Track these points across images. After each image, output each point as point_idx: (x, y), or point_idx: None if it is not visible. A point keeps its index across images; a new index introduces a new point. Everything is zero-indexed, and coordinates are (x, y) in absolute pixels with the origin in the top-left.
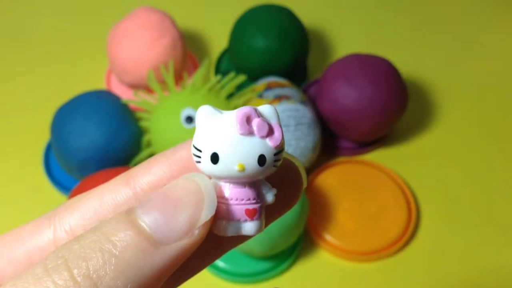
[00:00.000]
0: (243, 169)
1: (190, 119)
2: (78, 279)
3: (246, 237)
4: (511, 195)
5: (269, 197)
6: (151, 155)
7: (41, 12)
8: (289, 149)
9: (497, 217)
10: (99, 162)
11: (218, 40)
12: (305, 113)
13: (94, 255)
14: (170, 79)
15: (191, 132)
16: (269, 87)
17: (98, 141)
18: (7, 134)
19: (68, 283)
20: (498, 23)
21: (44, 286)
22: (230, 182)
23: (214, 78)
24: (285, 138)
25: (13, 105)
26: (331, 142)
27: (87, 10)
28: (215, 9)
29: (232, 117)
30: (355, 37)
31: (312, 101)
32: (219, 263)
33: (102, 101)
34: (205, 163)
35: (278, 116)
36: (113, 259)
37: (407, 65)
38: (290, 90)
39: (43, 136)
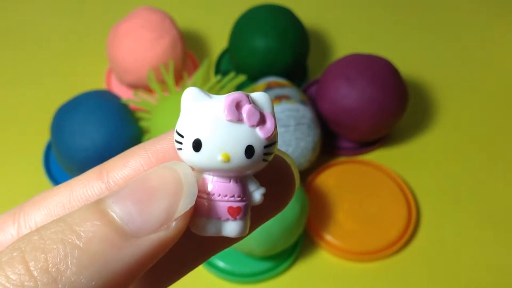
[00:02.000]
0: (227, 160)
1: None
2: (35, 273)
3: (230, 240)
4: (511, 195)
5: (257, 196)
6: None
7: (41, 12)
8: (289, 149)
9: (497, 217)
10: (99, 162)
11: (218, 40)
12: (305, 113)
13: (54, 247)
14: (170, 79)
15: None
16: (269, 87)
17: (98, 141)
18: (7, 134)
19: (23, 277)
20: (498, 23)
21: None
22: (213, 175)
23: (214, 78)
24: (285, 138)
25: (13, 105)
26: (331, 142)
27: (87, 10)
28: (215, 9)
29: (221, 102)
30: (355, 37)
31: (312, 101)
32: (219, 263)
33: (102, 101)
34: (187, 150)
35: (272, 105)
36: (77, 251)
37: (407, 65)
38: (290, 90)
39: (43, 136)
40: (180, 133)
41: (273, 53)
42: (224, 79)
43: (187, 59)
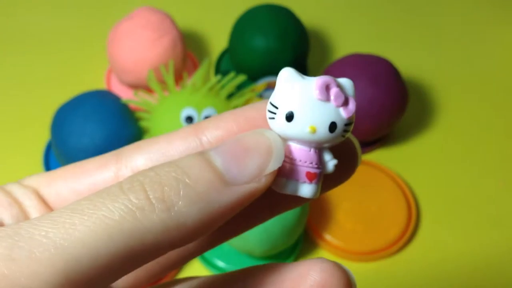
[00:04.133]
0: (314, 131)
1: (190, 119)
2: (153, 200)
3: (299, 201)
4: (511, 194)
5: (330, 166)
6: None
7: (41, 12)
8: None
9: (497, 217)
10: None
11: (218, 40)
12: None
13: (169, 182)
14: (170, 79)
15: None
16: (269, 87)
17: (98, 141)
18: (7, 134)
19: (143, 202)
20: (498, 23)
21: (120, 203)
22: (297, 143)
23: (214, 78)
24: None
25: (13, 105)
26: None
27: (87, 10)
28: (215, 9)
29: (313, 83)
30: (355, 37)
31: None
32: (219, 263)
33: (102, 101)
34: (280, 120)
35: (354, 90)
36: (187, 188)
37: (407, 65)
38: None
39: (43, 136)
40: (275, 104)
41: (273, 53)
42: (224, 79)
43: (187, 59)
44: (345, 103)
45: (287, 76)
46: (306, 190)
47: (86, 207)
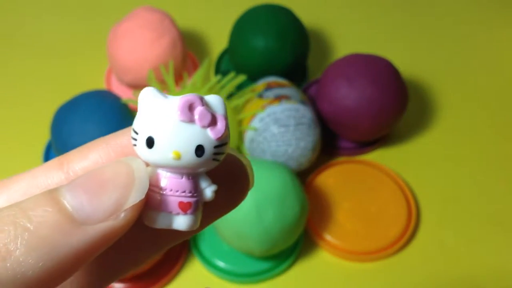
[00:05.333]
0: (178, 158)
1: None
2: None
3: (181, 234)
4: (511, 195)
5: (208, 193)
6: None
7: (41, 12)
8: (289, 149)
9: (497, 217)
10: None
11: (218, 40)
12: (305, 113)
13: (6, 228)
14: (170, 79)
15: None
16: (269, 87)
17: None
18: (7, 133)
19: None
20: (498, 23)
21: None
22: (167, 171)
23: (214, 78)
24: (285, 138)
25: (13, 105)
26: (331, 142)
27: (87, 10)
28: (215, 9)
29: (175, 103)
30: (355, 37)
31: (312, 101)
32: (219, 263)
33: (102, 101)
34: (141, 147)
35: (225, 108)
36: (27, 234)
37: (407, 65)
38: (290, 90)
39: (43, 136)
40: (135, 130)
41: (273, 53)
42: (224, 79)
43: (187, 59)
44: (213, 122)
45: (146, 96)
46: (180, 222)
47: None
